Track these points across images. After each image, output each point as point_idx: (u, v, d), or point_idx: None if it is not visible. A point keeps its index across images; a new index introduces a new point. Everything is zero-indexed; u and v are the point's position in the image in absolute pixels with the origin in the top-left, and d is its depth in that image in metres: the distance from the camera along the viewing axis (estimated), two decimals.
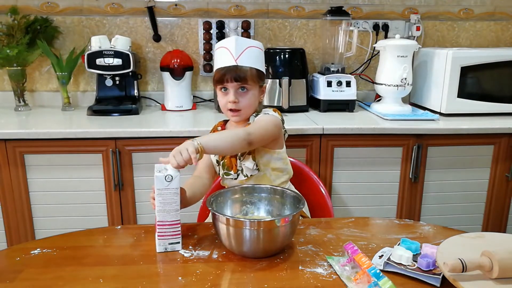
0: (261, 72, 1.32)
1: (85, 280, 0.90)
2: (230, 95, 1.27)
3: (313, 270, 0.93)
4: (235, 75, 1.25)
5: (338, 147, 1.82)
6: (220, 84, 1.29)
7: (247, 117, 1.34)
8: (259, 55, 1.31)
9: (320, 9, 2.28)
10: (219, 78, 1.27)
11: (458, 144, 1.87)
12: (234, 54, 1.26)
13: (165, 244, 1.02)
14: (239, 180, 1.30)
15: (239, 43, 1.27)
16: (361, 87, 2.38)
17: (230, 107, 1.29)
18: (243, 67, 1.26)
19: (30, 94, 2.22)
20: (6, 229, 1.78)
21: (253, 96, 1.30)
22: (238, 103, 1.28)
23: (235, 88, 1.27)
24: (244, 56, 1.27)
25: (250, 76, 1.27)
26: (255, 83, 1.29)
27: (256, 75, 1.29)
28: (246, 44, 1.28)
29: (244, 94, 1.28)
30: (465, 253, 0.82)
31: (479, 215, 1.98)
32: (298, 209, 1.01)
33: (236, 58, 1.26)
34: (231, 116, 1.32)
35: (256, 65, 1.29)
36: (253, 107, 1.32)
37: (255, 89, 1.30)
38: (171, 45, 2.26)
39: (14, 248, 1.06)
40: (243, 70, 1.26)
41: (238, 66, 1.25)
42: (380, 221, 1.23)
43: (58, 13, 2.18)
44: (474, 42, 2.42)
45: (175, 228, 1.02)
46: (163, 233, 1.02)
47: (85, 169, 1.75)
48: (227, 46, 1.28)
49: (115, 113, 2.00)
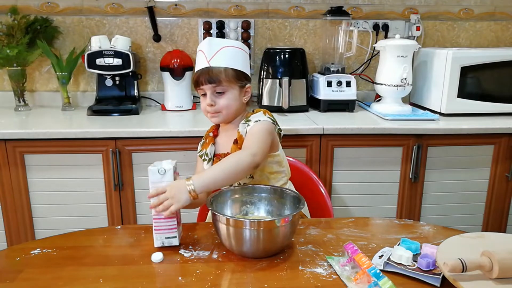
0: (239, 72, 1.27)
1: (85, 280, 0.90)
2: (207, 98, 1.26)
3: (313, 270, 0.93)
4: (208, 77, 1.23)
5: (338, 147, 1.82)
6: (197, 88, 1.27)
7: (229, 118, 1.31)
8: (235, 55, 1.27)
9: (320, 9, 2.28)
10: (195, 82, 1.26)
11: (458, 144, 1.87)
12: (207, 56, 1.23)
13: (162, 239, 1.03)
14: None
15: (212, 44, 1.24)
16: (361, 87, 2.38)
17: (208, 110, 1.27)
18: (216, 68, 1.23)
19: (30, 94, 2.23)
20: (6, 229, 1.78)
21: (232, 96, 1.26)
22: (215, 105, 1.25)
23: (211, 90, 1.25)
24: (218, 57, 1.23)
25: (225, 77, 1.23)
26: (233, 83, 1.25)
27: (232, 75, 1.25)
28: (221, 45, 1.25)
29: (221, 96, 1.26)
30: (465, 253, 0.82)
31: (479, 215, 1.98)
32: (298, 209, 1.01)
33: (208, 60, 1.23)
34: (211, 118, 1.30)
35: (232, 65, 1.25)
36: (233, 108, 1.28)
37: (233, 89, 1.26)
38: (171, 45, 2.26)
39: (14, 248, 1.06)
40: (215, 71, 1.23)
41: (211, 67, 1.23)
42: (380, 221, 1.23)
43: (58, 13, 2.18)
44: (474, 42, 2.42)
45: (171, 222, 1.03)
46: (159, 227, 1.03)
47: (85, 169, 1.75)
48: (202, 48, 1.26)
49: (115, 113, 2.00)
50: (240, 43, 1.31)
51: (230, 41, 1.28)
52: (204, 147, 1.35)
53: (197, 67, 1.26)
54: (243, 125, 1.26)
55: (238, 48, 1.28)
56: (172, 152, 1.76)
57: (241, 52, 1.29)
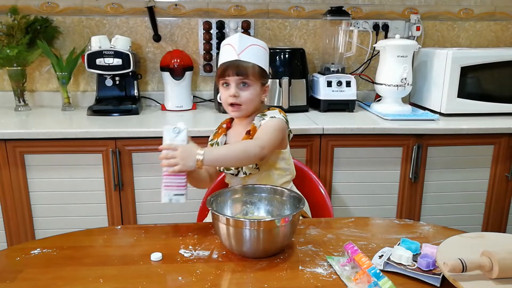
0: (264, 70, 1.32)
1: (85, 280, 0.90)
2: (231, 89, 1.28)
3: (313, 270, 0.93)
4: (236, 69, 1.26)
5: (338, 147, 1.82)
6: (222, 78, 1.29)
7: (247, 113, 1.34)
8: (262, 54, 1.32)
9: (320, 9, 2.28)
10: (221, 72, 1.28)
11: (458, 144, 1.87)
12: (237, 49, 1.27)
13: (170, 195, 1.05)
14: (240, 177, 1.31)
15: (242, 40, 1.28)
16: (361, 87, 2.38)
17: (230, 101, 1.29)
18: (245, 62, 1.27)
19: (30, 94, 2.22)
20: (6, 229, 1.78)
21: (255, 92, 1.30)
22: (239, 97, 1.28)
23: (236, 82, 1.28)
24: (247, 52, 1.28)
25: (252, 71, 1.27)
26: (257, 80, 1.29)
27: (258, 72, 1.29)
28: (250, 42, 1.29)
29: (245, 89, 1.29)
30: (465, 253, 0.82)
31: (479, 215, 1.98)
32: (298, 209, 1.01)
33: (238, 53, 1.27)
34: (231, 111, 1.33)
35: (259, 63, 1.30)
36: (254, 103, 1.32)
37: (256, 85, 1.30)
38: (171, 45, 2.26)
39: (14, 248, 1.06)
40: (244, 64, 1.26)
41: (241, 60, 1.26)
42: (380, 221, 1.23)
43: (58, 13, 2.18)
44: (474, 42, 2.42)
45: (180, 179, 1.05)
46: (168, 183, 1.05)
47: (85, 169, 1.75)
48: (230, 42, 1.29)
49: (115, 113, 2.00)
50: (265, 44, 1.35)
51: (257, 40, 1.33)
52: (216, 136, 1.39)
53: (224, 59, 1.29)
54: (259, 118, 1.31)
55: (264, 48, 1.33)
56: None
57: (266, 52, 1.34)
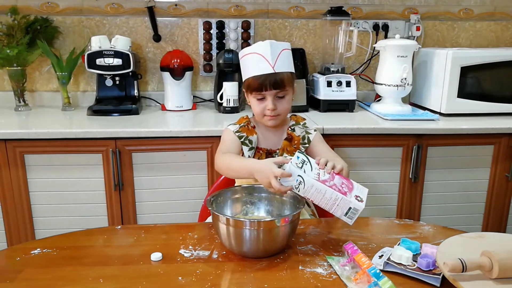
0: (294, 74, 1.31)
1: (85, 280, 0.90)
2: (268, 102, 1.26)
3: (313, 270, 0.93)
4: (274, 83, 1.24)
5: (338, 147, 1.82)
6: (257, 93, 1.27)
7: (283, 121, 1.35)
8: (291, 57, 1.30)
9: (320, 9, 2.28)
10: (257, 87, 1.25)
11: (458, 144, 1.86)
12: (270, 61, 1.23)
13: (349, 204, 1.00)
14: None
15: (274, 48, 1.24)
16: (361, 87, 2.37)
17: (268, 114, 1.28)
18: (281, 73, 1.24)
19: (30, 94, 2.22)
20: (6, 229, 1.78)
21: (289, 99, 1.30)
22: (277, 109, 1.27)
23: (273, 95, 1.26)
24: (280, 62, 1.25)
25: (287, 81, 1.26)
26: (291, 86, 1.29)
27: (291, 79, 1.28)
28: (280, 48, 1.26)
29: (282, 100, 1.28)
30: (465, 253, 0.82)
31: (479, 215, 1.97)
32: (298, 209, 1.01)
33: (273, 65, 1.23)
34: (268, 121, 1.31)
35: (291, 69, 1.29)
36: (289, 110, 1.32)
37: (290, 92, 1.30)
38: (171, 45, 2.26)
39: (14, 248, 1.07)
40: (280, 77, 1.24)
41: (277, 73, 1.24)
42: (380, 221, 1.23)
43: (58, 13, 2.18)
44: (474, 42, 2.42)
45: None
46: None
47: (85, 169, 1.75)
48: (261, 52, 1.24)
49: (115, 113, 2.00)
50: (288, 43, 1.32)
51: (283, 43, 1.29)
52: (245, 132, 1.34)
53: (256, 71, 1.25)
54: (300, 129, 1.36)
55: (290, 49, 1.30)
56: (172, 152, 1.76)
57: (291, 53, 1.31)
